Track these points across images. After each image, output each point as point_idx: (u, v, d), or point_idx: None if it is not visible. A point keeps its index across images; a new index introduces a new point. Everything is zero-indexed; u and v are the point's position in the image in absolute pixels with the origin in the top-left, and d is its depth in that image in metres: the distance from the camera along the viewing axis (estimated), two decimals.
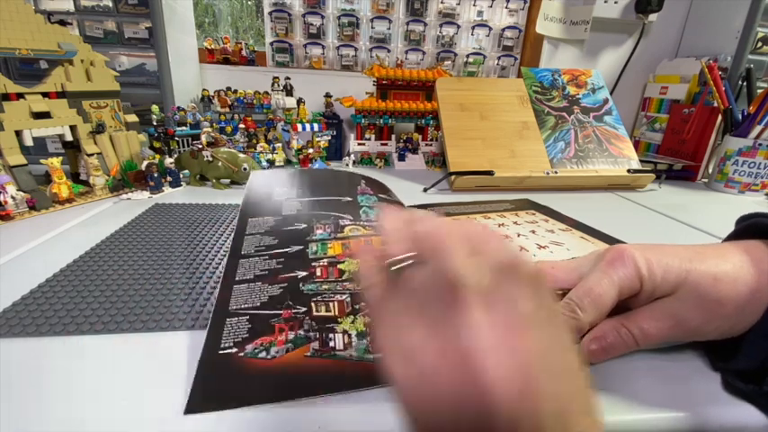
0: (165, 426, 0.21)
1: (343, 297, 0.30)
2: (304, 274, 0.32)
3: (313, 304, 0.29)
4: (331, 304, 0.29)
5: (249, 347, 0.25)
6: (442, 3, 1.06)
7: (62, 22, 0.71)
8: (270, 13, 1.02)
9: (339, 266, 0.33)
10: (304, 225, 0.38)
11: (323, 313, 0.28)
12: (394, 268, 0.16)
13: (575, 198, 0.67)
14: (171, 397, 0.22)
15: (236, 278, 0.31)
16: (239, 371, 0.23)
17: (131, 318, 0.30)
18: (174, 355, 0.26)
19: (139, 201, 0.58)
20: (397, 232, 0.17)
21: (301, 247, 0.35)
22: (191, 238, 0.45)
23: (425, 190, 0.68)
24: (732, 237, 0.25)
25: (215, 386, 0.22)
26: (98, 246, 0.42)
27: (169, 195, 0.61)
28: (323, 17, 1.04)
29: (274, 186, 0.45)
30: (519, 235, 0.46)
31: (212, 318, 0.27)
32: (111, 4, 0.78)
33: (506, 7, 1.10)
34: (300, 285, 0.31)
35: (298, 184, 0.46)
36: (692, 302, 0.21)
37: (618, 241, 0.45)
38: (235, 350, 0.25)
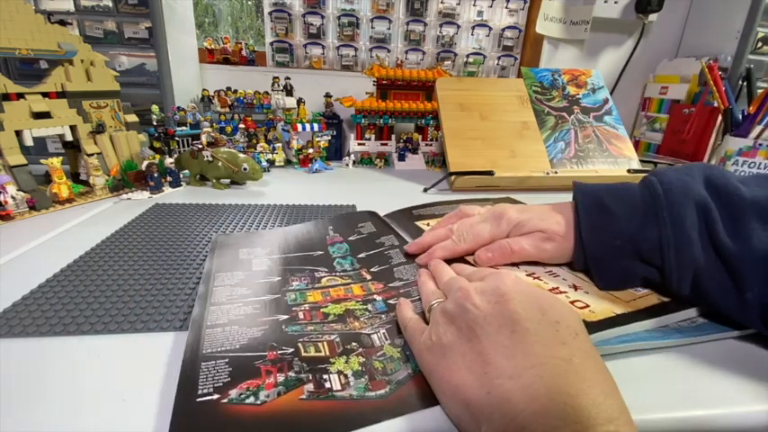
0: None
1: (333, 337, 0.27)
2: (285, 317, 0.29)
3: (300, 345, 0.26)
4: (320, 344, 0.26)
5: (233, 392, 0.22)
6: (442, 3, 1.06)
7: (62, 22, 0.71)
8: (270, 13, 1.02)
9: (323, 311, 0.31)
10: (278, 278, 0.35)
11: (312, 354, 0.26)
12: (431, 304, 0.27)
13: None
14: (170, 397, 0.22)
15: (208, 324, 0.28)
16: (224, 420, 0.20)
17: (131, 318, 0.30)
18: (175, 354, 0.26)
19: (139, 201, 0.58)
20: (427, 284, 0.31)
21: (278, 295, 0.32)
22: (191, 238, 0.45)
23: (425, 190, 0.68)
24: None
25: None
26: (98, 246, 0.42)
27: (169, 195, 0.61)
28: (323, 17, 1.04)
29: (239, 248, 0.41)
30: None
31: (183, 363, 0.24)
32: (111, 4, 0.78)
33: (506, 7, 1.10)
34: (283, 327, 0.28)
35: (263, 245, 0.43)
36: (538, 238, 0.34)
37: None
38: (216, 396, 0.21)
